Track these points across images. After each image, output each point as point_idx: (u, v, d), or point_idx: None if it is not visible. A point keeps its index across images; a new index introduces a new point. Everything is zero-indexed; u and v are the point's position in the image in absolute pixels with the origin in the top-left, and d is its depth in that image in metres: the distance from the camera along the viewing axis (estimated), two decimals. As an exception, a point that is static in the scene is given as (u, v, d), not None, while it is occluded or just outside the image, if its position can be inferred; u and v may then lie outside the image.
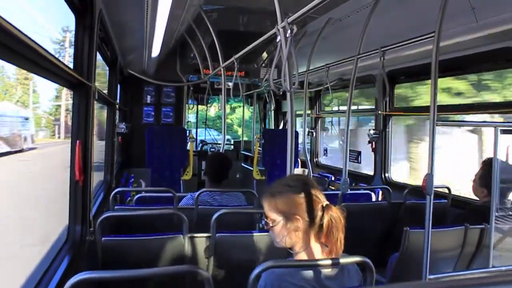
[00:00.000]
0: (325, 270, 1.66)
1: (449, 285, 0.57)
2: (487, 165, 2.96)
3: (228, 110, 8.60)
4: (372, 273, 1.61)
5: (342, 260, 1.64)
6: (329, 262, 1.62)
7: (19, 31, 1.38)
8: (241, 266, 2.56)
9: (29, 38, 1.48)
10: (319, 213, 1.67)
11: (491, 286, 0.57)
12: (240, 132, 10.46)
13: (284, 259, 1.71)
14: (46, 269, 2.08)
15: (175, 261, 2.47)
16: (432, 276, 2.40)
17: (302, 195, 1.69)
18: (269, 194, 1.76)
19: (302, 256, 1.70)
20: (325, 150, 7.37)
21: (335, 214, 1.68)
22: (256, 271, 1.53)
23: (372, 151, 5.15)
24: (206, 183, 3.62)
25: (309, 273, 1.64)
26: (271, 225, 1.74)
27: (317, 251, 1.69)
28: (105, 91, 4.67)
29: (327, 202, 1.70)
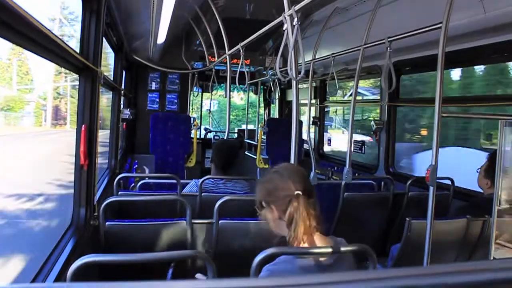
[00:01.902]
0: (321, 258, 1.68)
1: (449, 270, 0.58)
2: (494, 157, 2.96)
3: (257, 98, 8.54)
4: (374, 261, 1.63)
5: (344, 249, 1.65)
6: (329, 250, 1.63)
7: (28, 13, 1.38)
8: (244, 253, 2.59)
9: (38, 21, 1.48)
10: (287, 203, 1.70)
11: (489, 272, 0.58)
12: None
13: (286, 246, 1.73)
14: (51, 252, 2.11)
15: (177, 247, 2.50)
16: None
17: (275, 185, 1.76)
18: (256, 185, 1.91)
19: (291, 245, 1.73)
20: (329, 140, 7.37)
21: (301, 205, 1.69)
22: (258, 258, 1.55)
23: (376, 141, 5.15)
24: (212, 171, 3.60)
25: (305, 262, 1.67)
26: (258, 211, 1.84)
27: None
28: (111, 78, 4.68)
29: (299, 192, 1.70)
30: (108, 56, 4.94)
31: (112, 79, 4.68)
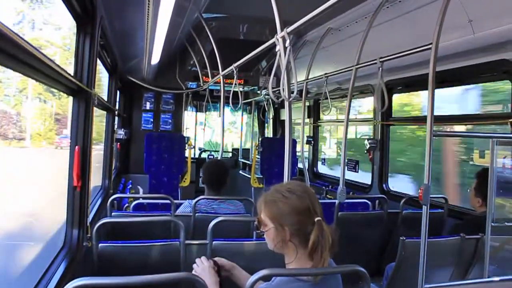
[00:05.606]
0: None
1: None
2: (482, 176, 3.00)
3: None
4: (367, 281, 1.62)
5: (338, 270, 1.64)
6: (323, 271, 1.62)
7: (21, 37, 1.39)
8: None
9: (31, 45, 1.49)
10: (309, 229, 1.62)
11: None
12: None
13: (280, 268, 1.71)
14: (44, 273, 2.08)
15: (171, 268, 2.47)
16: (428, 286, 2.40)
17: (295, 207, 1.65)
18: (263, 200, 1.74)
19: (292, 266, 1.69)
20: (323, 159, 7.38)
21: (325, 233, 1.61)
22: (252, 279, 1.54)
23: (370, 160, 5.16)
24: (205, 191, 3.58)
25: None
26: (262, 229, 1.73)
27: (304, 265, 1.65)
28: (105, 97, 4.69)
29: (319, 218, 1.63)
30: (101, 76, 4.95)
31: (106, 99, 4.69)
